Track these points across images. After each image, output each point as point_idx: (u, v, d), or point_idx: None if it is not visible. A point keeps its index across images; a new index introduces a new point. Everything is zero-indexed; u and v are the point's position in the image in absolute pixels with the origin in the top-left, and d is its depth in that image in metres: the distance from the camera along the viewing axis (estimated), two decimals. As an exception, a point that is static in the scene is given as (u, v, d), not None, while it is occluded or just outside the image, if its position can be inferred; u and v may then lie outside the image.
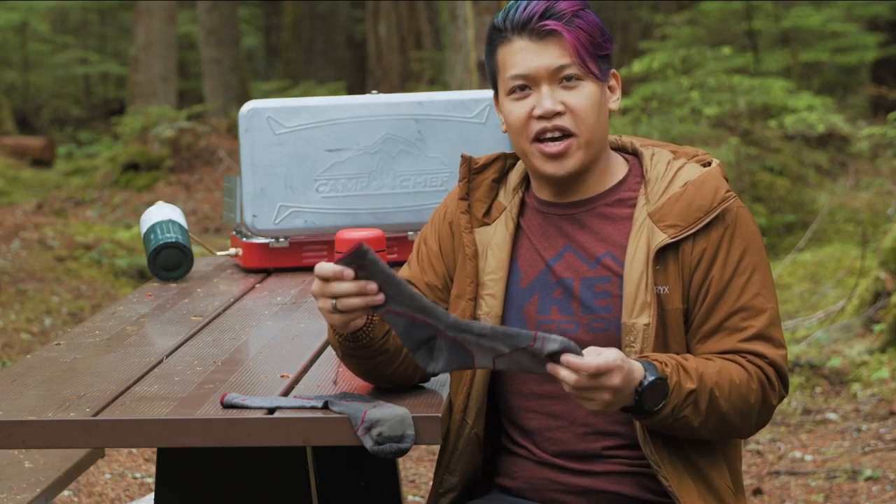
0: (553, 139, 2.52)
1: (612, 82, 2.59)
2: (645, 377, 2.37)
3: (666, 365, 2.40)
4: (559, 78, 2.51)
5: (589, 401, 2.34)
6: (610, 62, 2.57)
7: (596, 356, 2.31)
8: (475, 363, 2.38)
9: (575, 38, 2.50)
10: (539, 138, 2.52)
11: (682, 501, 2.47)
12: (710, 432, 2.47)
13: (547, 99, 2.50)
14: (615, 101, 2.59)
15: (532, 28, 2.50)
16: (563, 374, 2.31)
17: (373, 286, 2.35)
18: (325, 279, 2.36)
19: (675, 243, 2.51)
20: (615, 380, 2.32)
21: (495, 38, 2.56)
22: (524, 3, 2.52)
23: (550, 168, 2.53)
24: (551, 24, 2.50)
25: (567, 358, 2.30)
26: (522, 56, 2.51)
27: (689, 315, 2.52)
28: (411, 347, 2.40)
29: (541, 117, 2.51)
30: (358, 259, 2.33)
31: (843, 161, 12.13)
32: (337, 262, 2.35)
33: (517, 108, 2.53)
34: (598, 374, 2.30)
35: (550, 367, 2.32)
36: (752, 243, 2.53)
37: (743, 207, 2.55)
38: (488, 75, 2.62)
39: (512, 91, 2.53)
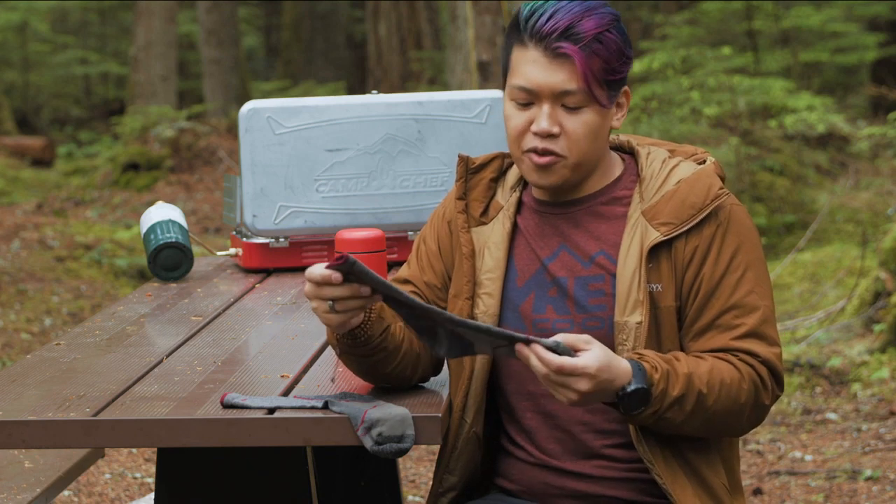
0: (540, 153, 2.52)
1: (622, 100, 2.55)
2: (630, 383, 2.37)
3: (656, 370, 2.40)
4: (562, 101, 2.49)
5: (558, 394, 2.34)
6: (623, 83, 2.53)
7: (571, 355, 2.31)
8: (476, 350, 2.39)
9: (587, 66, 2.46)
10: (530, 150, 2.52)
11: (676, 499, 2.47)
12: (696, 431, 2.47)
13: (545, 119, 2.49)
14: (619, 119, 2.56)
15: (548, 45, 2.47)
16: (533, 361, 2.31)
17: (366, 289, 2.36)
18: (316, 283, 2.37)
19: (668, 241, 2.50)
20: (582, 385, 2.31)
21: (513, 35, 2.53)
22: (550, 11, 2.47)
23: (534, 177, 2.54)
24: (566, 47, 2.45)
25: (535, 347, 2.30)
26: (532, 68, 2.49)
27: (683, 313, 2.52)
28: (416, 331, 2.40)
29: (536, 133, 2.50)
30: (345, 270, 2.34)
31: (843, 161, 12.13)
32: (327, 268, 2.36)
33: (516, 117, 2.53)
34: (562, 372, 2.31)
35: (519, 348, 2.31)
36: (745, 241, 2.53)
37: (737, 205, 2.55)
38: (502, 64, 2.60)
39: (515, 98, 2.53)
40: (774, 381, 2.50)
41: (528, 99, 2.50)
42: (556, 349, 2.31)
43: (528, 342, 2.32)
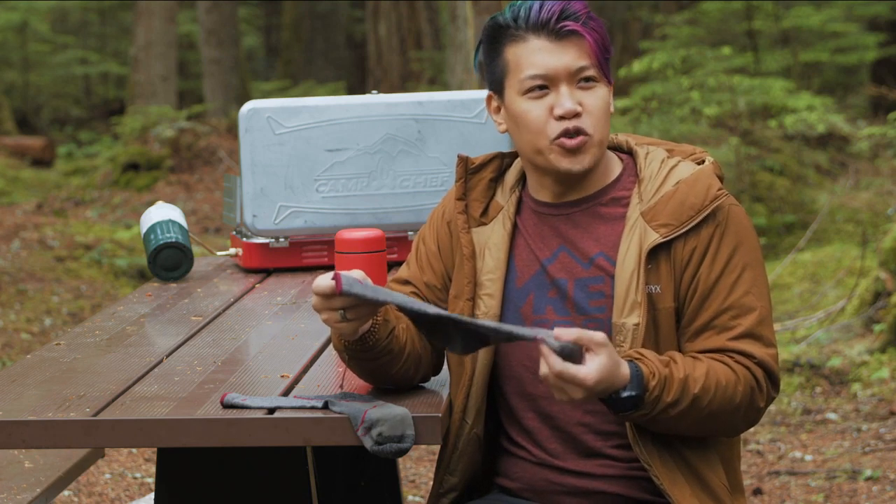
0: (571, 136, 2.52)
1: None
2: (625, 388, 2.37)
3: (653, 376, 2.39)
4: (577, 79, 2.51)
5: (555, 392, 2.33)
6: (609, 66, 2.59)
7: (578, 356, 2.30)
8: (491, 341, 2.39)
9: (594, 40, 2.51)
10: (559, 137, 2.52)
11: (674, 499, 2.47)
12: (689, 430, 2.47)
13: (567, 99, 2.50)
14: (611, 105, 2.60)
15: (552, 28, 2.50)
16: (541, 361, 2.31)
17: None
18: (325, 295, 2.37)
19: (667, 242, 2.50)
20: (576, 394, 2.31)
21: (502, 35, 2.54)
22: (538, 4, 2.51)
23: (567, 164, 2.52)
24: (571, 24, 2.49)
25: (542, 348, 2.30)
26: (542, 56, 2.50)
27: (681, 313, 2.52)
28: (425, 333, 2.40)
29: (562, 117, 2.50)
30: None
31: (843, 161, 12.13)
32: (333, 279, 2.35)
33: (535, 108, 2.52)
34: (561, 378, 2.30)
35: (541, 346, 2.31)
36: (743, 241, 2.52)
37: (736, 205, 2.55)
38: (489, 74, 2.59)
39: (529, 90, 2.52)
40: (770, 382, 2.49)
41: (544, 84, 2.51)
42: (562, 353, 2.30)
43: (534, 339, 2.31)
